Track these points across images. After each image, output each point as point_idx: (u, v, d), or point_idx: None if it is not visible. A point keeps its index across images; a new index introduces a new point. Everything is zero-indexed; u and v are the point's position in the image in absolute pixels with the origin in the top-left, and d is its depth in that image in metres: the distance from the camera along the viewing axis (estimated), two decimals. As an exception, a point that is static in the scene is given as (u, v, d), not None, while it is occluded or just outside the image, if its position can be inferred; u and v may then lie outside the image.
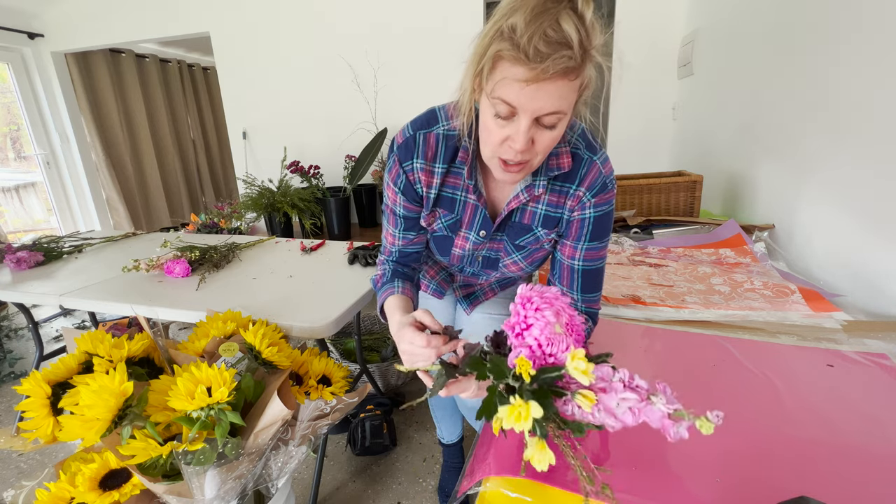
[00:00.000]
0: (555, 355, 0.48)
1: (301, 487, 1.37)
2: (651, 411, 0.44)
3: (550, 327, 0.48)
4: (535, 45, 0.49)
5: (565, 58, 0.50)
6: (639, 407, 0.44)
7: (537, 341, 0.48)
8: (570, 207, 0.72)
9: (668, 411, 0.43)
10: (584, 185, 0.70)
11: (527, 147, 0.58)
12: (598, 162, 0.69)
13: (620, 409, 0.45)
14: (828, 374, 0.70)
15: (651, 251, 1.35)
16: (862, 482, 0.49)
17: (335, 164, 2.83)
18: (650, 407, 0.44)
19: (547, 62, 0.49)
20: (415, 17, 2.61)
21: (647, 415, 0.44)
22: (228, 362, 0.84)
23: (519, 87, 0.53)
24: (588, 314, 0.77)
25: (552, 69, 0.50)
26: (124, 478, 0.72)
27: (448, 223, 0.79)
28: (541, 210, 0.74)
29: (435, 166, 0.73)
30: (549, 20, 0.49)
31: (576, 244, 0.73)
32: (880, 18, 0.92)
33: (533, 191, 0.71)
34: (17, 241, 1.87)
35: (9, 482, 1.45)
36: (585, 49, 0.51)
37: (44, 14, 3.19)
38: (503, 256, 0.81)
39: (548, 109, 0.54)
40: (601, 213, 0.71)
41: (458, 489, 0.55)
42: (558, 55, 0.49)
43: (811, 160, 1.18)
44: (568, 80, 0.53)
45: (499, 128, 0.59)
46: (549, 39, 0.49)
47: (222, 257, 1.50)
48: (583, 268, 0.74)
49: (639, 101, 2.47)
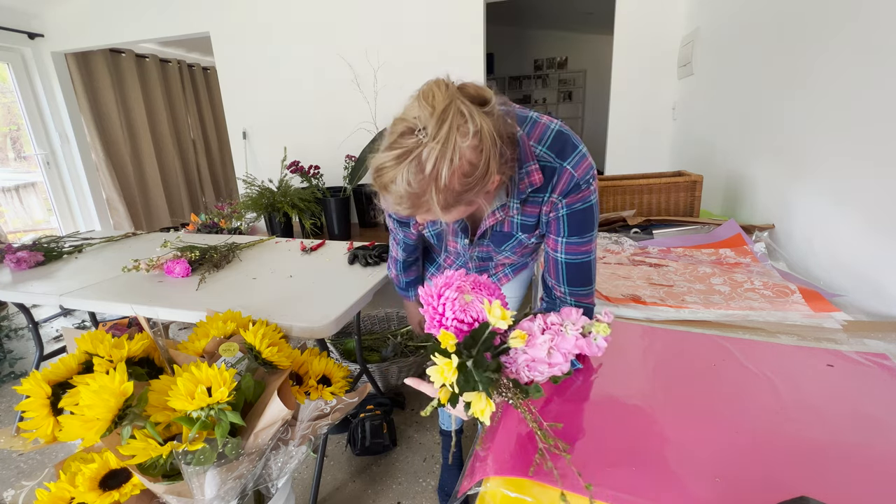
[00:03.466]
0: (478, 318, 0.52)
1: (301, 487, 1.37)
2: (566, 340, 0.48)
3: (459, 301, 0.52)
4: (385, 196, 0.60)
5: (406, 208, 0.59)
6: (557, 343, 0.48)
7: (454, 318, 0.52)
8: (545, 212, 0.75)
9: (578, 333, 0.48)
10: (556, 192, 0.72)
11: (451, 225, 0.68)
12: (569, 167, 0.70)
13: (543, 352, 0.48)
14: (828, 374, 0.70)
15: (651, 251, 1.35)
16: (862, 482, 0.49)
17: (335, 164, 2.83)
18: (564, 337, 0.48)
19: (398, 207, 0.60)
20: (415, 17, 2.61)
21: (565, 345, 0.48)
22: (228, 362, 0.84)
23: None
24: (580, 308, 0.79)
25: (404, 214, 0.62)
26: (124, 478, 0.72)
27: (434, 232, 0.86)
28: (517, 220, 0.78)
29: None
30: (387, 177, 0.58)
31: (557, 238, 0.76)
32: (880, 18, 0.92)
33: (509, 210, 0.75)
34: (17, 241, 1.87)
35: (9, 482, 1.45)
36: (421, 196, 0.57)
37: (44, 14, 3.19)
38: (494, 255, 0.88)
39: (423, 220, 0.64)
40: (575, 210, 0.72)
41: (458, 489, 0.55)
42: (401, 207, 0.59)
43: (811, 160, 1.18)
44: (433, 207, 0.58)
45: None
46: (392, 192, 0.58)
47: (222, 257, 1.50)
48: (566, 261, 0.76)
49: (639, 101, 2.47)
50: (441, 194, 0.56)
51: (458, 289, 0.53)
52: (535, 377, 0.49)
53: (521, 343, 0.48)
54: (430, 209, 0.58)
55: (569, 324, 0.48)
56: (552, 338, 0.48)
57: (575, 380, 0.71)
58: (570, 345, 0.47)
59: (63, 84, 3.38)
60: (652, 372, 0.74)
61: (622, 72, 2.46)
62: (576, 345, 0.47)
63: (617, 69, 2.46)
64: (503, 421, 0.60)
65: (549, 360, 0.47)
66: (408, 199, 0.57)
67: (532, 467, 0.47)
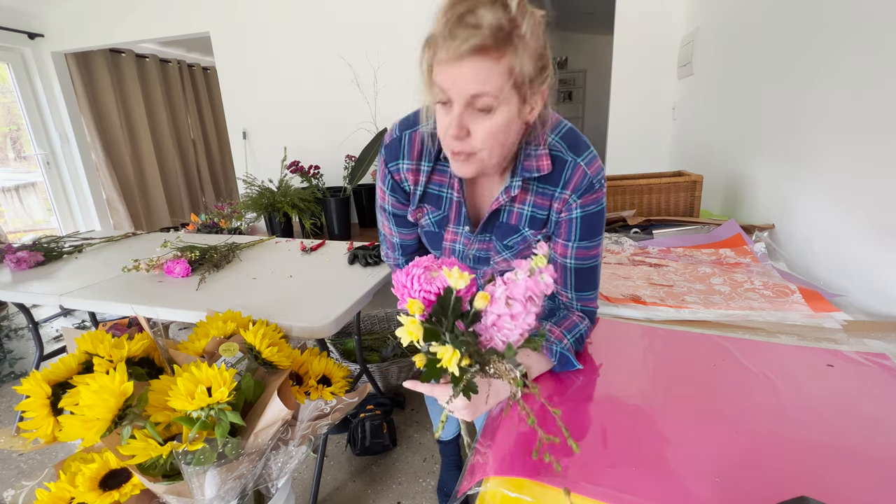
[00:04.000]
0: (441, 287, 0.53)
1: (301, 487, 1.37)
2: (517, 286, 0.49)
3: (424, 277, 0.54)
4: (453, 28, 0.54)
5: (476, 36, 0.53)
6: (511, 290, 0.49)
7: (421, 289, 0.53)
8: (556, 209, 0.73)
9: (526, 275, 0.49)
10: (568, 188, 0.70)
11: (459, 132, 0.60)
12: (582, 164, 0.69)
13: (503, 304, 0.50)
14: (828, 374, 0.70)
15: (651, 251, 1.35)
16: (862, 482, 0.49)
17: (335, 164, 2.83)
18: (515, 283, 0.49)
19: (459, 41, 0.53)
20: (415, 17, 2.61)
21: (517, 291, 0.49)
22: (228, 362, 0.84)
23: (445, 70, 0.57)
24: (584, 312, 0.77)
25: (464, 47, 0.54)
26: (124, 478, 0.72)
27: (435, 219, 0.81)
28: (527, 211, 0.75)
29: (421, 164, 0.75)
30: (465, 6, 0.53)
31: (567, 243, 0.74)
32: (880, 18, 0.92)
33: (510, 192, 0.71)
34: (17, 241, 1.87)
35: (9, 482, 1.45)
36: (505, 31, 0.54)
37: (44, 14, 3.19)
38: (493, 255, 0.82)
39: (472, 90, 0.57)
40: (588, 213, 0.72)
41: (458, 489, 0.55)
42: (469, 34, 0.53)
43: (811, 160, 1.18)
44: (488, 58, 0.55)
45: (443, 116, 0.62)
46: (465, 23, 0.53)
47: (222, 257, 1.50)
48: (575, 266, 0.74)
49: (639, 101, 2.47)
50: (521, 42, 0.55)
51: (425, 268, 0.56)
52: (508, 336, 0.50)
53: (484, 303, 0.50)
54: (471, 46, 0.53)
55: (518, 271, 0.50)
56: (506, 288, 0.50)
57: (575, 380, 0.71)
58: (522, 288, 0.49)
59: (63, 84, 3.38)
60: (652, 372, 0.74)
61: (622, 72, 2.46)
62: (526, 287, 0.49)
63: (617, 69, 2.46)
64: (503, 421, 0.60)
65: (510, 311, 0.49)
66: (488, 30, 0.53)
67: (535, 451, 0.49)
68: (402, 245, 0.89)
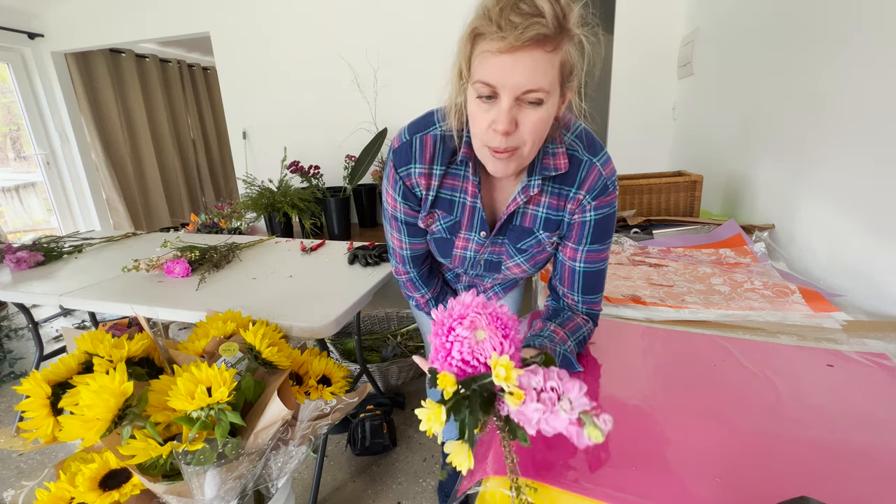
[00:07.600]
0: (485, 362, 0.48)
1: (301, 487, 1.37)
2: (558, 420, 0.44)
3: (469, 341, 0.49)
4: (508, 16, 0.51)
5: (538, 24, 0.51)
6: (547, 417, 0.45)
7: (461, 358, 0.49)
8: (570, 210, 0.72)
9: (573, 418, 0.44)
10: (583, 188, 0.69)
11: (510, 127, 0.57)
12: (597, 164, 0.68)
13: (533, 421, 0.45)
14: (828, 374, 0.70)
15: (651, 251, 1.35)
16: (862, 482, 0.49)
17: (335, 164, 2.83)
18: (557, 416, 0.45)
19: (519, 30, 0.51)
20: (415, 17, 2.61)
21: (554, 423, 0.45)
22: (228, 362, 0.84)
23: (495, 62, 0.54)
24: (589, 315, 0.77)
25: (525, 36, 0.51)
26: (124, 478, 0.72)
27: (447, 225, 0.78)
28: (541, 213, 0.73)
29: (434, 168, 0.72)
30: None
31: (577, 246, 0.73)
32: (881, 18, 0.92)
33: (529, 191, 0.69)
34: (17, 241, 1.87)
35: (9, 482, 1.45)
36: (560, 23, 0.52)
37: (44, 14, 3.19)
38: (505, 259, 0.80)
39: (526, 85, 0.54)
40: (602, 215, 0.71)
41: (458, 489, 0.55)
42: (530, 22, 0.51)
43: (811, 160, 1.18)
44: (544, 50, 0.53)
45: (483, 112, 0.59)
46: (521, 11, 0.51)
47: (222, 257, 1.50)
48: (584, 269, 0.74)
49: (639, 101, 2.47)
50: (571, 34, 0.54)
51: (471, 324, 0.50)
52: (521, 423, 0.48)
53: (515, 405, 0.46)
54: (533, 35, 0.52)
55: (565, 401, 0.45)
56: (543, 411, 0.45)
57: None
58: (561, 425, 0.45)
59: (63, 84, 3.38)
60: (652, 372, 0.74)
61: (622, 72, 2.46)
62: (566, 428, 0.44)
63: (617, 69, 2.46)
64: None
65: (536, 426, 0.46)
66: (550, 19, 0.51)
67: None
68: (413, 257, 0.85)
